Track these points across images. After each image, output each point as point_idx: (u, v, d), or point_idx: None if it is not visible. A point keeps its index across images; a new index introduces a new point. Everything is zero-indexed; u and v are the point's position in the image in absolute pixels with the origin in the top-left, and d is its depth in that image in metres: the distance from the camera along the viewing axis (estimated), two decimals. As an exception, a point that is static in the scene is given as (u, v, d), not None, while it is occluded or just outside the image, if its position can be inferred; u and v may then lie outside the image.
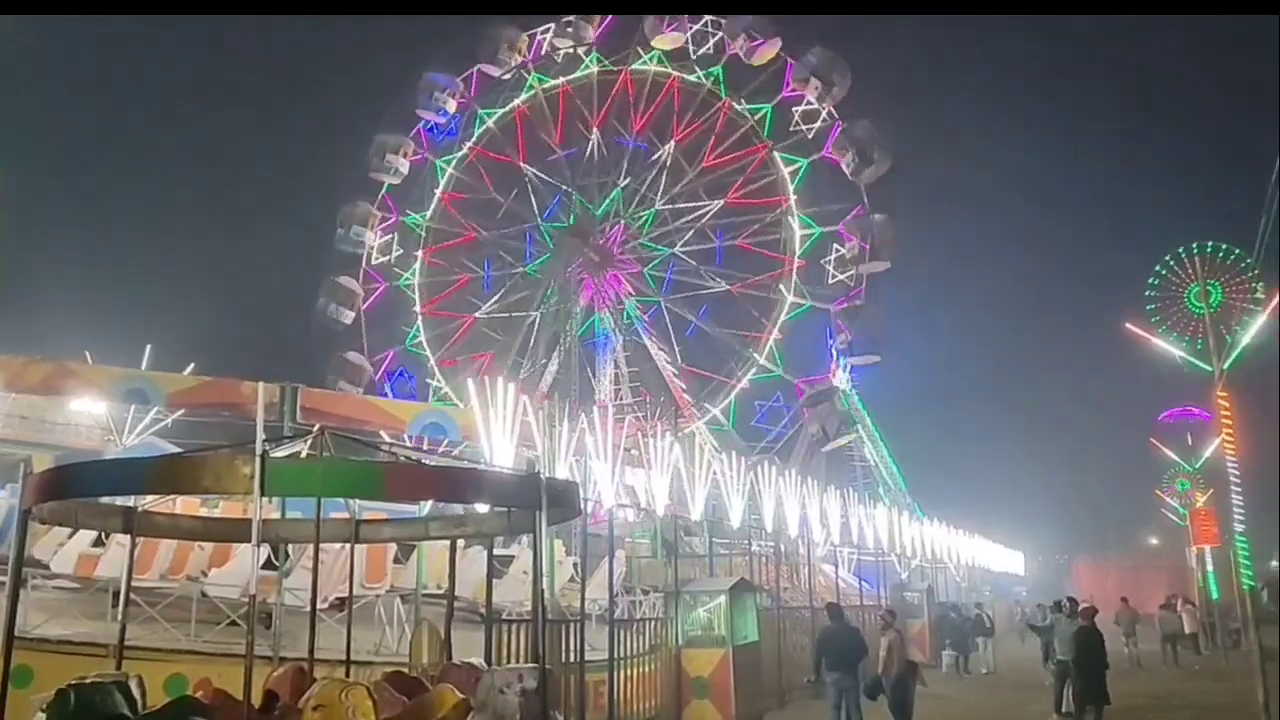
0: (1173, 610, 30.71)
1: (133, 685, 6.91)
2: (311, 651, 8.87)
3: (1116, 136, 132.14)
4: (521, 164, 56.27)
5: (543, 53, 56.31)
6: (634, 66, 54.37)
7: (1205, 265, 17.15)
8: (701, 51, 52.54)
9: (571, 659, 13.15)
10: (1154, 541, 63.45)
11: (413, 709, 7.02)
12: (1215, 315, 16.96)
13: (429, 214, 56.84)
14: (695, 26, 52.41)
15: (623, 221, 54.20)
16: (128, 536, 9.10)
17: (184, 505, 12.76)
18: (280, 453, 7.88)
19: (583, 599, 14.71)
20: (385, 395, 52.02)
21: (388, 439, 16.70)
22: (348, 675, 8.82)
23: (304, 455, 8.14)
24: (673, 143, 53.19)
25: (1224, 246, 17.58)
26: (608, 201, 54.42)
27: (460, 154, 56.86)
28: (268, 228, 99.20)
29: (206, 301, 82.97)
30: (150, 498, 9.00)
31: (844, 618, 15.02)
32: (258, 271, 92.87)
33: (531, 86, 56.21)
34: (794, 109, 50.81)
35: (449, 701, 6.84)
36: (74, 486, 7.44)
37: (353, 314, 55.04)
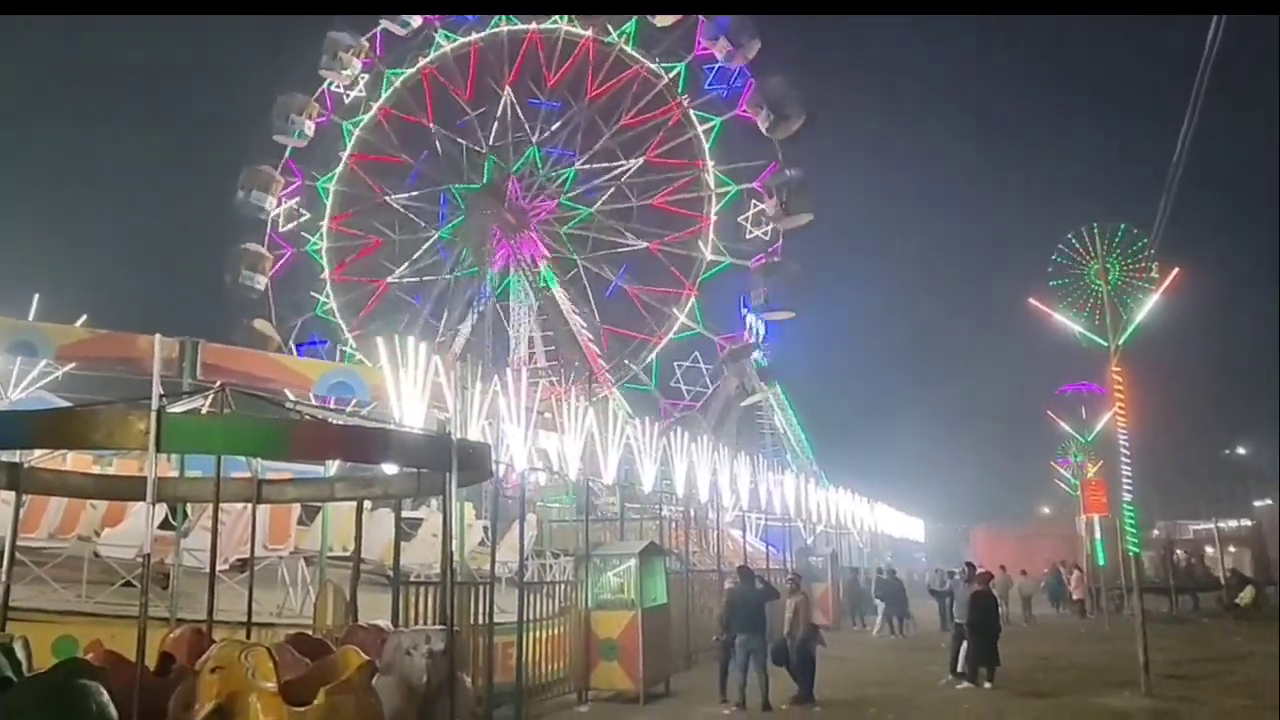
0: (1027, 576, 34.24)
1: (17, 647, 6.62)
2: (211, 613, 8.64)
3: (1029, 107, 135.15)
4: (430, 124, 55.01)
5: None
6: (543, 26, 53.52)
7: (1106, 244, 17.72)
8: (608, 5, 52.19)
9: (480, 621, 13.09)
10: (1046, 510, 66.01)
11: (316, 671, 6.88)
12: (1113, 293, 17.56)
13: (336, 177, 55.27)
14: None
15: (539, 181, 53.61)
16: (12, 493, 8.72)
17: (75, 462, 12.28)
18: (178, 408, 7.60)
19: (493, 562, 14.63)
20: (296, 360, 51.19)
21: (293, 398, 16.27)
22: (248, 637, 8.63)
23: (204, 412, 7.88)
24: (586, 100, 52.61)
25: (1124, 226, 18.16)
26: (521, 161, 53.71)
27: (368, 115, 55.28)
28: (172, 178, 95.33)
29: (102, 251, 79.51)
30: (38, 453, 8.63)
31: (754, 580, 15.28)
32: (159, 222, 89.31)
33: (440, 45, 54.82)
34: (705, 68, 50.94)
35: (353, 663, 6.71)
36: (-47, 440, 7.07)
37: (266, 280, 53.40)
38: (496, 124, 54.12)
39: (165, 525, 12.64)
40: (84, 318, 21.63)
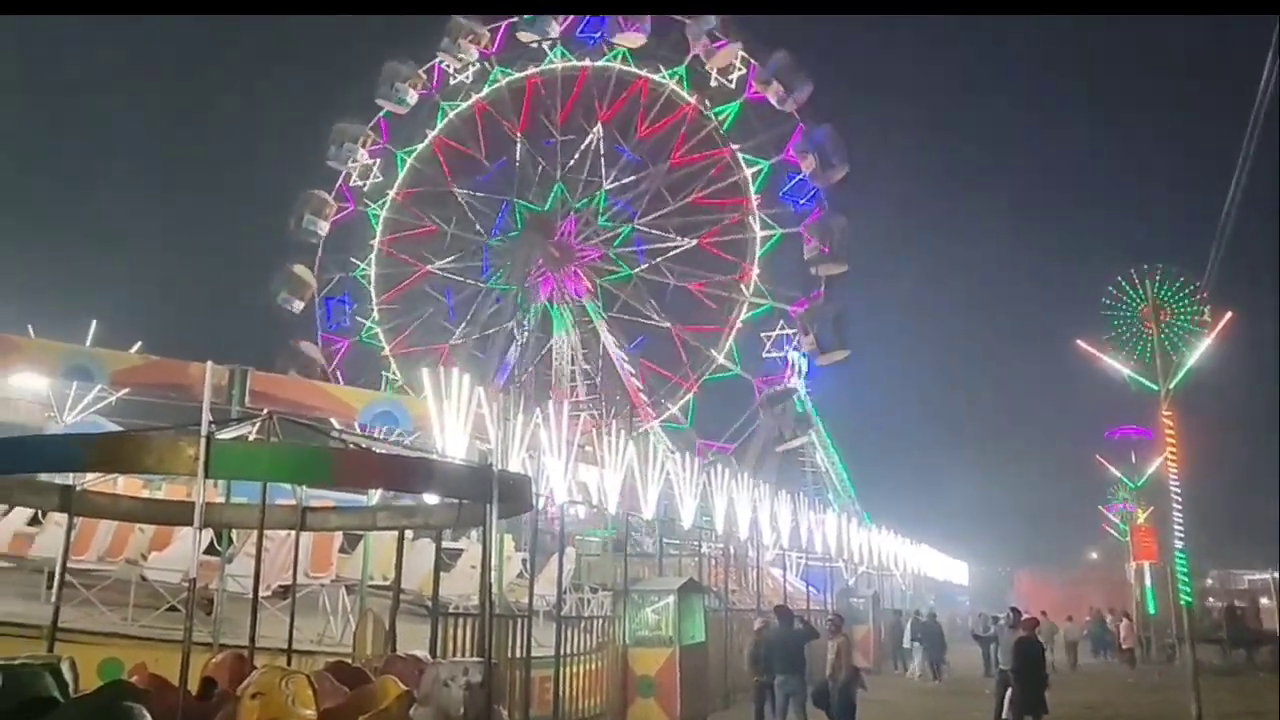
0: (1073, 622, 33.79)
1: (64, 668, 6.72)
2: (253, 639, 8.72)
3: (1078, 151, 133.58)
4: (519, 134, 55.43)
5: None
6: (654, 77, 52.68)
7: (1156, 287, 17.48)
8: (663, 51, 52.23)
9: (518, 654, 13.06)
10: (1094, 556, 64.57)
11: (354, 700, 6.91)
12: (1163, 336, 17.28)
13: (417, 152, 56.08)
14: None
15: (594, 227, 53.46)
16: (65, 515, 8.88)
17: (125, 486, 12.51)
18: (226, 435, 7.72)
19: (531, 594, 14.61)
20: (325, 314, 54.49)
21: (338, 426, 16.47)
22: (289, 664, 8.68)
23: (251, 439, 8.00)
24: (667, 165, 52.23)
25: (1174, 270, 17.94)
26: (585, 200, 53.80)
27: (465, 103, 55.77)
28: (226, 196, 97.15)
29: (157, 274, 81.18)
30: (90, 477, 8.80)
31: (792, 621, 15.09)
32: (212, 247, 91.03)
33: (551, 60, 55.08)
34: (789, 174, 50.34)
35: (392, 693, 6.73)
36: (11, 462, 7.23)
37: (327, 226, 54.49)
38: (577, 156, 54.31)
39: (210, 550, 12.80)
40: (139, 344, 22.15)
